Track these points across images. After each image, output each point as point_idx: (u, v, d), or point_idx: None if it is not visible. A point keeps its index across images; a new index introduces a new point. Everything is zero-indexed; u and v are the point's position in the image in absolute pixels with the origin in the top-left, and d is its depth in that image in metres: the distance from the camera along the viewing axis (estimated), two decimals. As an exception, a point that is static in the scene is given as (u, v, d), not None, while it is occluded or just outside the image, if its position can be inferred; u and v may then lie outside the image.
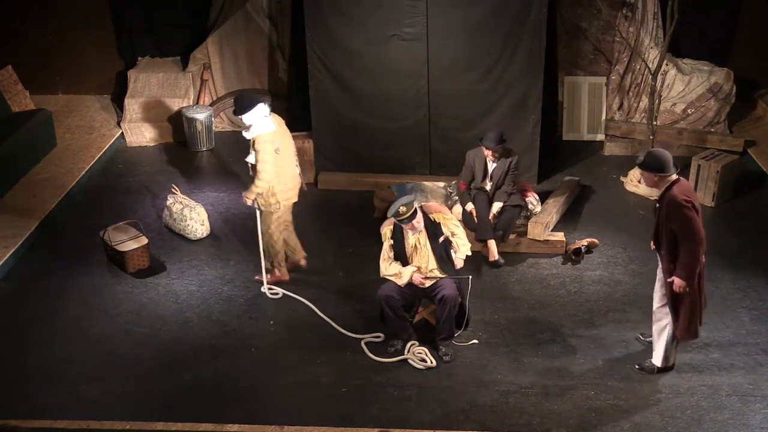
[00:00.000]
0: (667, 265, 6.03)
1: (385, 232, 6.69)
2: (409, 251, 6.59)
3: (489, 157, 7.96)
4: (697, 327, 6.19)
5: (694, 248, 5.82)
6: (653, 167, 5.92)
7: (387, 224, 6.68)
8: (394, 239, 6.61)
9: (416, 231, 6.51)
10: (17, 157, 9.42)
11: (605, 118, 10.57)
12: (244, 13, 10.73)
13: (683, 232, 5.83)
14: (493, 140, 7.84)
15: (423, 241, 6.56)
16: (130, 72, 10.90)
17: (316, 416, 6.10)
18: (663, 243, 6.03)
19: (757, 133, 10.48)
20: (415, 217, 6.43)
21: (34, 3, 11.17)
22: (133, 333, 7.05)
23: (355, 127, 9.41)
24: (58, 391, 6.36)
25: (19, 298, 7.55)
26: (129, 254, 7.82)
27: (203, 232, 8.45)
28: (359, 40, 9.01)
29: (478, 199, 7.99)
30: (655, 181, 5.96)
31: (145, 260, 7.93)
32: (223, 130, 11.01)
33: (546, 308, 7.35)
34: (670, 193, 5.88)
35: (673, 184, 5.91)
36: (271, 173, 7.12)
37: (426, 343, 6.76)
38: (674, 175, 5.93)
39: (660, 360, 6.39)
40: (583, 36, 10.44)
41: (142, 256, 7.89)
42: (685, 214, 5.80)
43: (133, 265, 7.86)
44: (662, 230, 6.00)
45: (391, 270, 6.60)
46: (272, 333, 7.05)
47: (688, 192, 5.91)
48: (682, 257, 5.87)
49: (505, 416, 6.08)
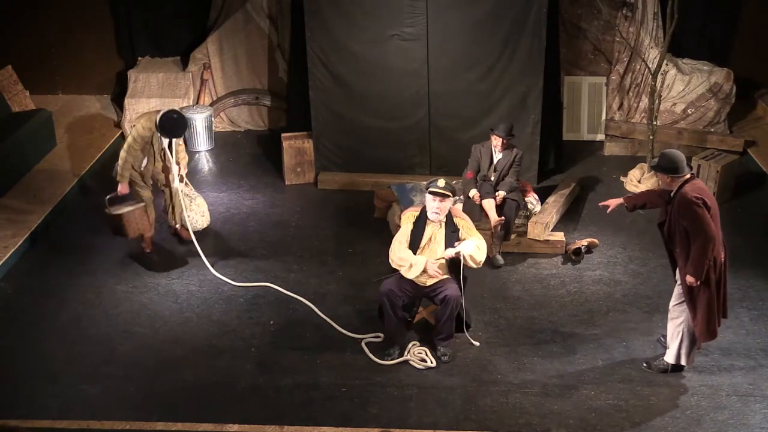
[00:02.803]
0: (683, 263, 6.05)
1: (408, 216, 6.62)
2: (423, 243, 6.52)
3: (497, 147, 8.03)
4: (715, 327, 6.18)
5: (705, 245, 5.86)
6: (667, 169, 5.99)
7: (412, 209, 6.65)
8: (415, 225, 6.53)
9: (438, 218, 6.43)
10: (17, 157, 9.42)
11: (605, 118, 10.58)
12: (244, 13, 10.73)
13: (693, 229, 5.89)
14: (504, 130, 7.97)
15: (439, 237, 6.51)
16: (130, 72, 10.89)
17: (316, 416, 6.10)
18: (677, 241, 6.07)
19: (757, 133, 10.49)
20: (447, 199, 6.39)
21: (34, 3, 11.16)
22: (133, 333, 7.05)
23: (355, 127, 9.41)
24: (58, 391, 6.36)
25: (19, 298, 7.55)
26: (126, 216, 7.71)
27: (203, 223, 8.45)
28: (359, 40, 9.01)
29: (483, 188, 8.01)
30: (668, 181, 6.04)
31: (145, 224, 7.85)
32: (223, 130, 11.01)
33: (546, 308, 7.35)
34: (682, 192, 5.95)
35: (686, 183, 5.98)
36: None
37: (426, 343, 6.76)
38: (688, 175, 6.00)
39: (673, 357, 6.38)
40: (583, 36, 10.45)
41: (141, 219, 7.79)
42: (694, 211, 5.85)
43: (132, 229, 7.77)
44: (675, 229, 6.05)
45: (404, 253, 6.44)
46: (272, 333, 7.05)
47: (699, 190, 5.96)
48: (693, 254, 5.91)
49: (505, 416, 6.08)
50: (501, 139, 7.98)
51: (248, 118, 11.14)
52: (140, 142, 7.75)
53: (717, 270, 6.01)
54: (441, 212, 6.43)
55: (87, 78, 11.56)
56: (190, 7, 11.12)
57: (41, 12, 11.22)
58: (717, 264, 5.99)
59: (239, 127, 11.13)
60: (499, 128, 8.01)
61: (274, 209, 9.13)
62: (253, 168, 10.05)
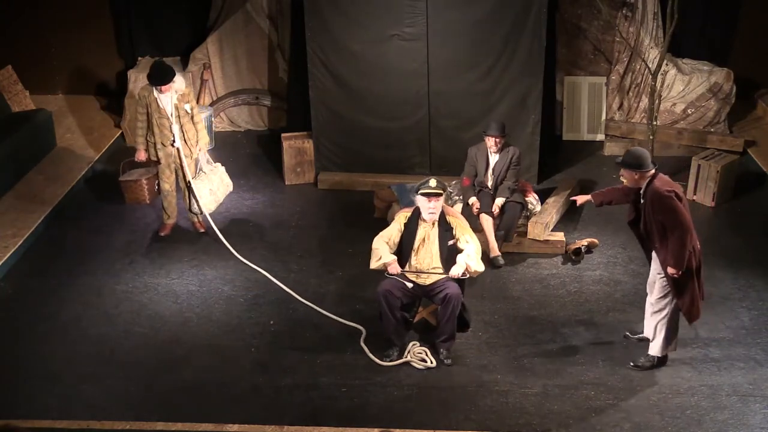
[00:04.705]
0: (663, 257, 6.15)
1: (399, 217, 6.66)
2: (417, 244, 6.54)
3: (492, 148, 7.99)
4: (699, 307, 6.30)
5: (683, 236, 5.99)
6: (633, 165, 6.13)
7: (404, 211, 6.69)
8: (406, 226, 6.58)
9: (434, 218, 6.46)
10: (17, 157, 9.42)
11: (605, 118, 10.57)
12: (244, 13, 10.73)
13: (670, 222, 6.02)
14: (497, 129, 7.92)
15: (432, 237, 6.52)
16: (130, 72, 10.88)
17: (316, 416, 6.10)
18: (655, 237, 6.17)
19: (757, 133, 10.49)
20: (439, 198, 6.42)
21: (34, 3, 11.17)
22: (133, 333, 7.05)
23: (355, 127, 9.41)
24: (58, 391, 6.36)
25: (19, 298, 7.55)
26: (124, 184, 8.55)
27: (225, 190, 8.57)
28: (359, 40, 9.01)
29: (482, 199, 7.98)
30: (636, 178, 6.17)
31: (143, 194, 8.27)
32: (223, 130, 11.01)
33: (546, 308, 7.35)
34: (652, 187, 6.08)
35: (654, 179, 6.11)
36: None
37: (426, 344, 6.76)
38: (653, 170, 6.12)
39: (659, 350, 6.43)
40: (583, 36, 10.44)
41: (139, 189, 8.06)
42: (669, 205, 6.00)
43: (129, 196, 8.59)
44: (650, 224, 6.16)
45: (382, 247, 6.52)
46: (272, 333, 7.05)
47: (669, 183, 6.11)
48: (672, 246, 6.03)
49: (505, 416, 6.08)
50: (495, 139, 7.95)
51: (248, 118, 11.14)
52: (143, 103, 7.97)
53: (696, 257, 6.16)
54: (436, 211, 6.47)
55: (87, 78, 11.57)
56: (190, 7, 11.12)
57: (41, 12, 11.22)
58: (696, 251, 6.14)
59: (239, 127, 11.13)
60: (491, 127, 7.96)
61: (274, 209, 9.13)
62: (253, 168, 10.05)
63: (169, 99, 7.94)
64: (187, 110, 8.06)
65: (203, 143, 8.27)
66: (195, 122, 8.14)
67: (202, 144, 8.25)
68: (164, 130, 8.00)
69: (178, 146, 8.05)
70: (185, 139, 8.08)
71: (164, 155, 8.09)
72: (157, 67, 7.94)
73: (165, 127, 7.99)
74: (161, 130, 8.00)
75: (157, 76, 7.86)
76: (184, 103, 8.02)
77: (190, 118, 8.10)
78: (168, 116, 7.95)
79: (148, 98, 7.95)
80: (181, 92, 8.01)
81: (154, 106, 7.95)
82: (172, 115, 7.96)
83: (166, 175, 8.18)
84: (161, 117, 7.96)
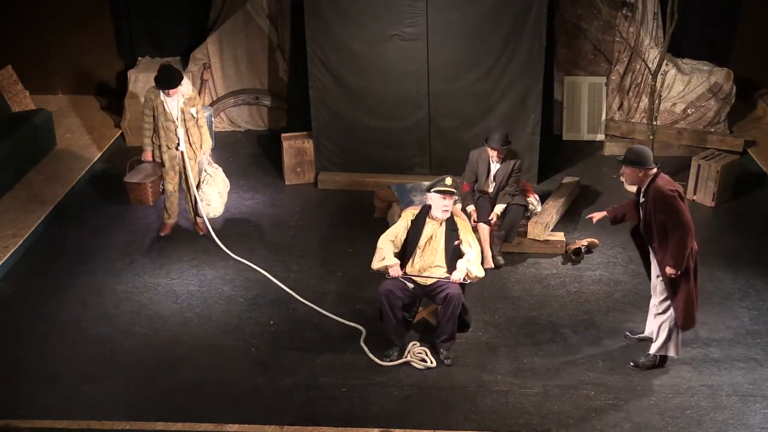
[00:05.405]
0: (662, 256, 6.13)
1: (407, 213, 6.69)
2: (423, 242, 6.54)
3: (494, 158, 7.94)
4: (695, 314, 6.27)
5: (684, 237, 5.97)
6: (637, 162, 6.09)
7: (412, 208, 6.72)
8: (413, 224, 6.58)
9: (444, 215, 6.48)
10: (17, 157, 9.42)
11: (605, 118, 10.58)
12: (244, 13, 10.72)
13: (673, 222, 5.99)
14: (499, 141, 7.80)
15: (438, 236, 6.53)
16: (130, 72, 10.88)
17: (316, 416, 6.10)
18: (654, 236, 6.15)
19: (757, 133, 10.49)
20: (453, 196, 6.47)
21: (34, 3, 11.17)
22: (133, 333, 7.05)
23: (355, 127, 9.41)
24: (58, 391, 6.36)
25: (19, 298, 7.55)
26: (129, 186, 8.79)
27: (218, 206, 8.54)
28: (359, 40, 9.01)
29: (481, 207, 7.93)
30: (639, 177, 6.14)
31: (146, 196, 8.51)
32: (223, 130, 11.01)
33: (546, 308, 7.35)
34: (655, 186, 6.05)
35: (656, 177, 6.09)
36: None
37: (426, 344, 6.76)
38: (655, 169, 6.10)
39: (662, 349, 6.41)
40: (583, 36, 10.45)
41: (143, 191, 8.33)
42: (672, 204, 5.97)
43: (133, 197, 8.83)
44: (651, 223, 6.13)
45: (386, 248, 6.52)
46: (272, 333, 7.05)
47: (671, 183, 6.09)
48: (672, 246, 6.01)
49: (505, 416, 6.08)
50: (497, 151, 7.89)
51: (248, 118, 11.14)
52: (149, 106, 8.01)
53: (693, 258, 6.14)
54: (446, 211, 6.50)
55: (87, 78, 11.57)
56: (190, 7, 11.12)
57: (41, 12, 11.22)
58: (693, 253, 6.12)
59: (239, 127, 11.13)
60: (494, 139, 7.80)
61: (274, 209, 9.14)
62: (253, 168, 10.05)
63: (176, 103, 7.95)
64: (193, 114, 8.08)
65: (207, 146, 8.32)
66: (199, 126, 8.18)
67: (206, 147, 8.31)
68: (170, 133, 8.03)
69: (182, 149, 8.08)
70: (190, 143, 8.12)
71: (169, 158, 8.14)
72: (165, 70, 7.95)
73: (170, 130, 8.02)
74: (167, 133, 8.03)
75: (165, 79, 7.88)
76: (190, 107, 8.04)
77: (195, 122, 8.12)
78: (174, 120, 7.98)
79: (155, 101, 7.96)
80: (187, 96, 8.03)
81: (160, 109, 7.96)
82: (178, 119, 7.98)
83: (170, 176, 8.22)
84: (167, 120, 7.99)
